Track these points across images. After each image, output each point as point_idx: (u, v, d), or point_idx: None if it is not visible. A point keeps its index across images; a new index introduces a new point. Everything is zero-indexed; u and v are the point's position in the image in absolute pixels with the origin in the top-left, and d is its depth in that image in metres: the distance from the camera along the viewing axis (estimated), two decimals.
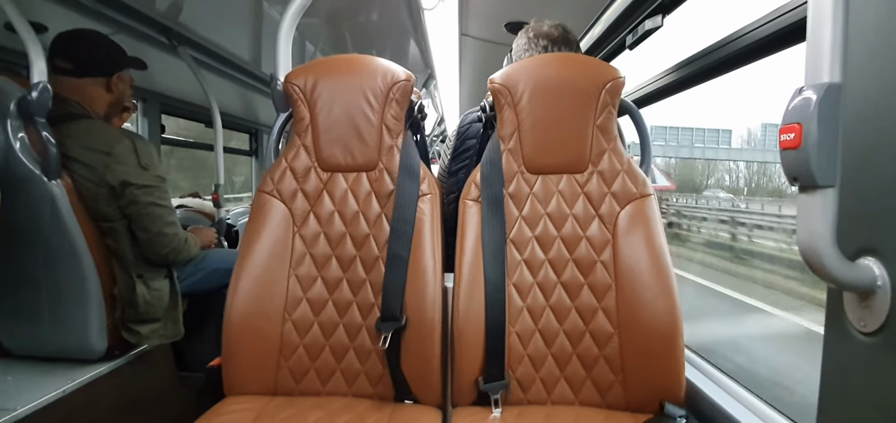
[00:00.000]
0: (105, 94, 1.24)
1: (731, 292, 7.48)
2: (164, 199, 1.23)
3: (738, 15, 1.05)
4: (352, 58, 1.02)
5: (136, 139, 1.19)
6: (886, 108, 0.46)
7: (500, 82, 0.98)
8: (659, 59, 1.36)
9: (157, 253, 1.23)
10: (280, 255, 0.96)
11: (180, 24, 1.70)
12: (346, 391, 0.95)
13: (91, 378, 1.11)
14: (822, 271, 0.48)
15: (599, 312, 0.92)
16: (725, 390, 0.90)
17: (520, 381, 0.92)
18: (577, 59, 1.03)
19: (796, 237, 0.50)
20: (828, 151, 0.46)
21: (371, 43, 2.36)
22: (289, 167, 0.99)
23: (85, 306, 1.11)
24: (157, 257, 1.23)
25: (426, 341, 0.91)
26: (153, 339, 1.24)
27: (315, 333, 0.95)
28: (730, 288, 7.74)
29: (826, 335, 0.53)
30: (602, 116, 0.95)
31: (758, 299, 7.04)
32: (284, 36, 1.04)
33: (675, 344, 0.85)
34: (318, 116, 0.98)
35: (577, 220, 0.95)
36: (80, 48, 1.20)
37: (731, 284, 8.08)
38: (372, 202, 0.98)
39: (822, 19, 0.47)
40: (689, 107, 24.66)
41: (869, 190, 0.47)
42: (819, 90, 0.47)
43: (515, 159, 0.97)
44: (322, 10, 1.84)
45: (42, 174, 1.04)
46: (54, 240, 1.08)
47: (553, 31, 1.15)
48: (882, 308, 0.46)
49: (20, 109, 1.03)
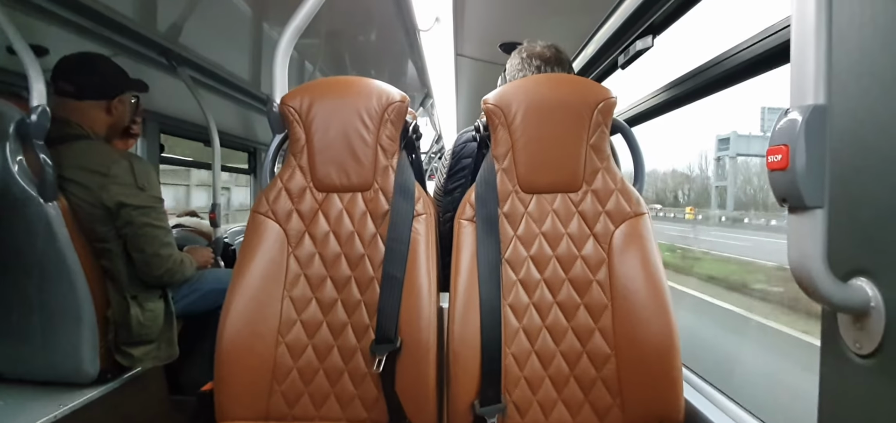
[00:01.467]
0: (105, 116, 1.25)
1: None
2: (161, 220, 1.23)
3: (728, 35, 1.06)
4: (347, 80, 1.04)
5: (134, 160, 1.19)
6: (873, 128, 0.46)
7: (494, 103, 0.99)
8: (651, 78, 1.38)
9: (152, 275, 1.22)
10: (274, 276, 0.95)
11: (180, 45, 1.72)
12: (340, 417, 0.93)
13: (83, 403, 1.10)
14: (814, 293, 0.47)
15: (596, 332, 0.91)
16: (724, 410, 0.89)
17: (517, 404, 0.90)
18: (569, 80, 1.04)
19: (788, 258, 0.49)
20: (815, 171, 0.47)
21: (369, 63, 2.39)
22: (284, 188, 0.99)
23: (78, 328, 1.11)
24: (151, 278, 1.23)
25: (421, 364, 0.90)
26: (147, 361, 1.22)
27: (309, 356, 0.94)
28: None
29: (822, 358, 0.52)
30: (595, 136, 0.96)
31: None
32: (281, 58, 1.05)
33: (672, 365, 0.85)
34: (314, 137, 0.99)
35: (572, 239, 0.95)
36: (82, 71, 1.22)
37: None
38: (367, 222, 0.98)
39: (806, 41, 0.47)
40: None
41: (859, 210, 0.47)
42: (805, 112, 0.47)
43: (510, 179, 0.98)
44: (321, 31, 1.87)
45: (38, 196, 1.05)
46: (49, 262, 1.07)
47: (546, 52, 1.16)
48: (877, 330, 0.46)
49: (19, 132, 1.04)
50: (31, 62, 1.05)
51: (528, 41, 1.20)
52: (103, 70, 1.26)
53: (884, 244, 0.46)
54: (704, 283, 7.67)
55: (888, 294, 0.45)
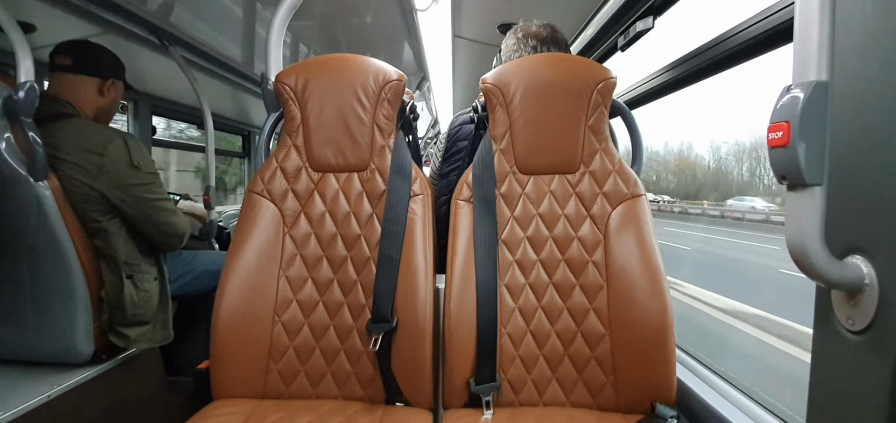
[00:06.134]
0: (97, 96, 1.26)
1: None
2: (162, 190, 1.26)
3: (729, 16, 1.06)
4: (343, 57, 1.02)
5: (128, 138, 1.18)
6: (874, 106, 0.46)
7: (492, 82, 0.98)
8: (651, 60, 1.37)
9: (169, 243, 1.28)
10: (270, 256, 0.95)
11: (171, 24, 1.69)
12: (337, 394, 0.94)
13: (77, 383, 1.09)
14: (810, 270, 0.48)
15: (591, 312, 0.91)
16: (716, 390, 0.90)
17: (511, 382, 0.91)
18: (568, 60, 1.03)
19: (785, 235, 0.50)
20: (815, 149, 0.46)
21: (365, 45, 2.35)
22: (279, 167, 0.98)
23: (71, 308, 1.10)
24: (168, 246, 1.29)
25: (417, 343, 0.90)
26: (142, 343, 1.22)
27: (305, 335, 0.94)
28: None
29: (815, 334, 0.53)
30: (593, 117, 0.95)
31: None
32: (276, 35, 1.03)
33: (666, 344, 0.85)
34: (310, 116, 0.97)
35: (569, 220, 0.95)
36: (82, 49, 1.25)
37: None
38: (363, 203, 0.98)
39: (810, 18, 0.47)
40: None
41: (857, 188, 0.47)
42: (807, 89, 0.46)
43: (507, 160, 0.97)
44: (316, 11, 1.83)
45: (28, 175, 1.03)
46: (40, 241, 1.06)
47: (542, 31, 1.15)
48: (870, 307, 0.46)
49: (6, 108, 1.02)
50: (19, 38, 1.03)
51: (524, 21, 1.19)
52: (102, 52, 1.29)
53: (880, 223, 0.46)
54: None
55: (882, 272, 0.45)
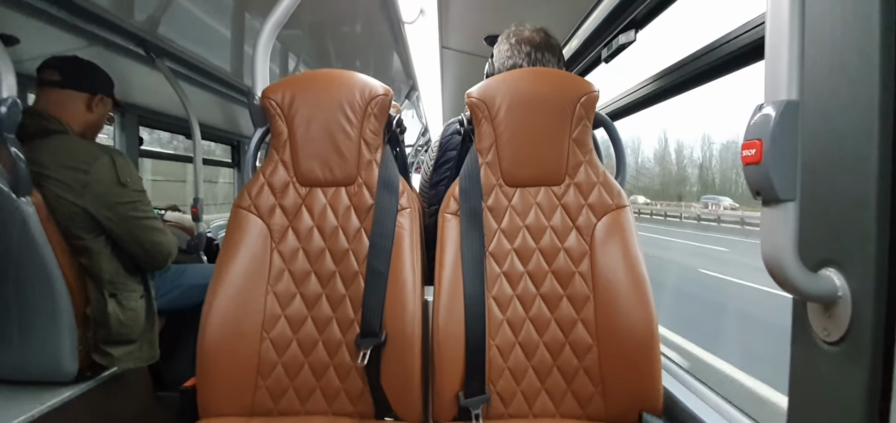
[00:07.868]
0: (84, 112, 1.24)
1: None
2: (149, 209, 1.24)
3: (708, 30, 1.08)
4: (330, 73, 1.02)
5: (115, 155, 1.17)
6: (843, 124, 0.47)
7: (478, 97, 0.99)
8: (635, 74, 1.39)
9: (156, 263, 1.26)
10: (257, 272, 0.94)
11: (159, 36, 1.68)
12: (326, 410, 0.93)
13: (63, 401, 1.07)
14: (785, 283, 0.49)
15: (578, 323, 0.92)
16: (702, 398, 0.92)
17: (501, 395, 0.91)
18: (552, 74, 1.04)
19: (760, 249, 0.51)
20: (787, 166, 0.48)
21: (354, 56, 2.36)
22: (266, 182, 0.98)
23: (56, 326, 1.08)
24: (155, 265, 1.27)
25: (406, 357, 0.90)
26: (127, 362, 1.20)
27: (294, 350, 0.94)
28: None
29: (793, 346, 0.54)
30: (577, 129, 0.97)
31: None
32: (262, 51, 1.04)
33: (652, 354, 0.86)
34: (296, 132, 0.98)
35: (556, 232, 0.96)
36: (70, 64, 1.23)
37: None
38: (351, 217, 0.98)
39: (780, 38, 0.48)
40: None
41: (828, 203, 0.49)
42: (778, 107, 0.48)
43: (494, 172, 0.98)
44: (305, 23, 1.84)
45: (10, 191, 1.01)
46: (24, 259, 1.04)
47: (535, 37, 1.13)
48: (844, 318, 0.48)
49: None
50: (1, 52, 1.02)
51: (516, 25, 1.17)
52: (90, 68, 1.27)
53: (851, 236, 0.47)
54: None
55: (854, 284, 0.47)
